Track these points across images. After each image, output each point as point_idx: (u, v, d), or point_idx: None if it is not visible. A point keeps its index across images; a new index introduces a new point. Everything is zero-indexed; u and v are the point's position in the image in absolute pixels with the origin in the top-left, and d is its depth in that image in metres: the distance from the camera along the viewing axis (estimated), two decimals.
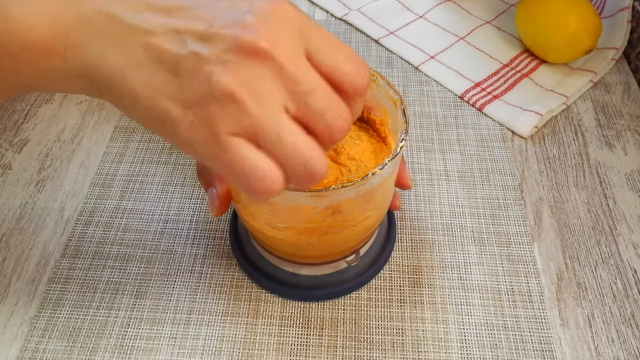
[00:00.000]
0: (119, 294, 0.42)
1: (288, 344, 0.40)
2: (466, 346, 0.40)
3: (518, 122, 0.54)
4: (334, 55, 0.26)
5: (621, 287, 0.43)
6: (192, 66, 0.25)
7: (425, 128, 0.54)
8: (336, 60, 0.26)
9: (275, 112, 0.25)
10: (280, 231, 0.35)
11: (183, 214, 0.47)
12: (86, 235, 0.46)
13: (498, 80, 0.59)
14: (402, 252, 0.45)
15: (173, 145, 0.52)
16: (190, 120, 0.25)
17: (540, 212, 0.47)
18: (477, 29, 0.64)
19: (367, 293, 0.42)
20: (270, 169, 0.25)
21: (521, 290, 0.42)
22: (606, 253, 0.45)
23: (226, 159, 0.25)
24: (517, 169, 0.51)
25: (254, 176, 0.25)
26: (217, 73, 0.24)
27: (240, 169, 0.25)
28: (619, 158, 0.52)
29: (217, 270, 0.44)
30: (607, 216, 0.47)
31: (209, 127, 0.25)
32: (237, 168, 0.25)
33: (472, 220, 0.47)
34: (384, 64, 0.61)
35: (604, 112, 0.56)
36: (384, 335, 0.40)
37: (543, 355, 0.39)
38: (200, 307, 0.42)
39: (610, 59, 0.59)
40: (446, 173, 0.50)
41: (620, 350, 0.39)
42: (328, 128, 0.26)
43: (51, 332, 0.40)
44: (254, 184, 0.25)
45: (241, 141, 0.25)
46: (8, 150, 0.52)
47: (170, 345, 0.40)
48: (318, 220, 0.34)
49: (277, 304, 0.42)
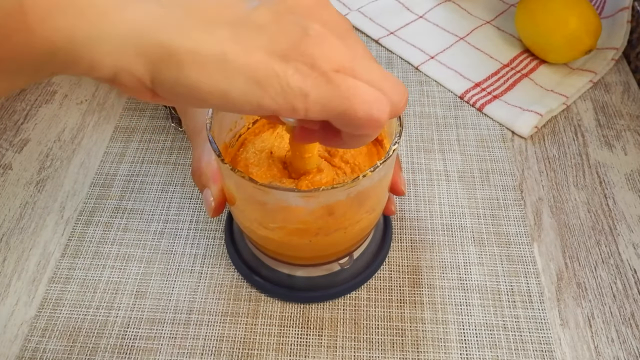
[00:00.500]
0: (118, 294, 0.42)
1: (288, 344, 0.40)
2: (466, 346, 0.40)
3: (518, 122, 0.54)
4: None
5: (621, 287, 0.43)
6: (274, 17, 0.24)
7: (425, 128, 0.54)
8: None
9: (360, 50, 0.25)
10: (272, 231, 0.35)
11: (183, 214, 0.47)
12: (86, 235, 0.46)
13: (498, 80, 0.59)
14: (402, 252, 0.45)
15: (172, 145, 0.52)
16: (295, 66, 0.24)
17: (540, 212, 0.47)
18: (477, 29, 0.65)
19: (366, 293, 0.42)
20: (378, 94, 0.25)
21: (521, 291, 0.42)
22: (606, 253, 0.45)
23: (342, 93, 0.24)
24: (517, 169, 0.51)
25: (370, 101, 0.25)
26: (300, 18, 0.24)
27: (359, 99, 0.24)
28: (618, 158, 0.52)
29: (217, 270, 0.44)
30: (607, 216, 0.47)
31: (316, 68, 0.24)
32: (356, 99, 0.24)
33: (472, 220, 0.47)
34: (384, 64, 0.61)
35: (604, 112, 0.56)
36: (384, 335, 0.40)
37: (543, 355, 0.39)
38: (200, 307, 0.42)
39: (610, 59, 0.59)
40: (446, 173, 0.50)
41: (620, 350, 0.39)
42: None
43: (51, 331, 0.40)
44: (370, 109, 0.25)
45: (345, 76, 0.25)
46: (8, 150, 0.53)
47: (170, 345, 0.40)
48: (309, 221, 0.33)
49: (277, 304, 0.42)
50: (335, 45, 0.25)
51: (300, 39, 0.24)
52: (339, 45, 0.25)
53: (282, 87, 0.24)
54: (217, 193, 0.37)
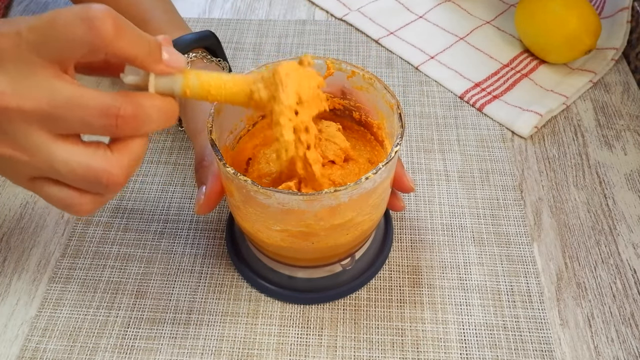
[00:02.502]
0: (119, 294, 0.42)
1: (288, 344, 0.40)
2: (466, 346, 0.40)
3: (518, 122, 0.54)
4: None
5: (621, 287, 0.43)
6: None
7: (425, 128, 0.54)
8: None
9: (44, 147, 0.27)
10: (273, 234, 0.35)
11: (183, 214, 0.47)
12: (86, 235, 0.46)
13: (498, 80, 0.59)
14: (402, 252, 0.45)
15: (172, 145, 0.52)
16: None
17: (540, 212, 0.47)
18: (477, 29, 0.65)
19: (366, 293, 0.42)
20: (70, 196, 0.29)
21: (521, 291, 0.42)
22: (606, 253, 0.45)
23: (41, 196, 0.29)
24: (517, 169, 0.51)
25: (64, 206, 0.29)
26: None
27: (54, 204, 0.30)
28: (618, 158, 0.52)
29: (217, 270, 0.44)
30: (606, 216, 0.47)
31: (12, 177, 0.29)
32: (52, 203, 0.30)
33: (472, 220, 0.47)
34: (384, 65, 0.61)
35: (604, 112, 0.56)
36: (384, 335, 0.40)
37: (543, 355, 0.39)
38: (200, 306, 0.42)
39: (609, 59, 0.59)
40: (446, 173, 0.50)
41: (620, 350, 0.39)
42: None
43: (52, 331, 0.40)
44: (69, 211, 0.30)
45: (42, 182, 0.29)
46: None
47: (170, 344, 0.40)
48: (311, 223, 0.33)
49: (277, 304, 0.42)
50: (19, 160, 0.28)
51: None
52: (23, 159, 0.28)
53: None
54: (211, 191, 0.38)
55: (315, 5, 0.69)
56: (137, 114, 0.27)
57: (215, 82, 0.30)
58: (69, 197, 0.29)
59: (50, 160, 0.27)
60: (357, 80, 0.38)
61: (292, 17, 0.67)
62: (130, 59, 0.27)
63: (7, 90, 0.26)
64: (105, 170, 0.28)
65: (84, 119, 0.26)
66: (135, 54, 0.27)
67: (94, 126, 0.27)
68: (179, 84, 0.29)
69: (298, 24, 0.66)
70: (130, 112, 0.27)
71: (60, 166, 0.27)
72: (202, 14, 0.68)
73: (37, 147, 0.27)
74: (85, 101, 0.26)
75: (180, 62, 0.29)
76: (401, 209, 0.42)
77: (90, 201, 0.29)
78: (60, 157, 0.27)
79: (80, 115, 0.26)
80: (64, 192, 0.29)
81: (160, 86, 0.29)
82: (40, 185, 0.29)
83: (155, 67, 0.28)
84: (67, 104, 0.26)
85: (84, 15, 0.25)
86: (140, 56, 0.27)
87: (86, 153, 0.27)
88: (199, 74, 0.30)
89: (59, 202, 0.29)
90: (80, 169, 0.27)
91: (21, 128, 0.27)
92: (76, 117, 0.26)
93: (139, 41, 0.27)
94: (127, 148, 0.28)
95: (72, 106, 0.26)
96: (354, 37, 0.65)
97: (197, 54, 0.48)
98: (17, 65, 0.26)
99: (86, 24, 0.25)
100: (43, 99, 0.26)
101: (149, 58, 0.28)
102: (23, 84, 0.26)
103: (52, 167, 0.27)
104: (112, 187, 0.28)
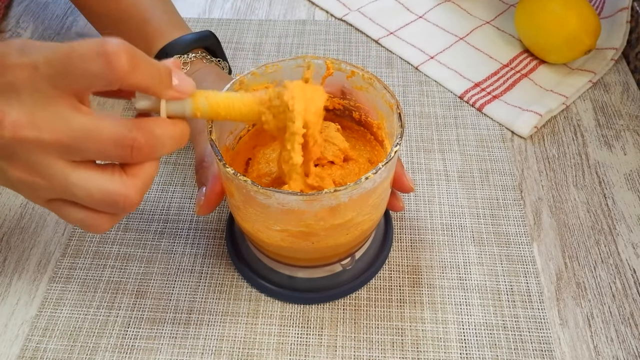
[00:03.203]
0: (119, 294, 0.42)
1: (288, 343, 0.40)
2: (466, 346, 0.40)
3: (518, 122, 0.54)
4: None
5: (620, 286, 0.43)
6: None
7: (425, 128, 0.54)
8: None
9: (61, 173, 0.28)
10: (273, 234, 0.35)
11: (183, 214, 0.47)
12: (87, 235, 0.46)
13: (498, 80, 0.59)
14: (402, 252, 0.45)
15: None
16: (17, 188, 0.30)
17: (539, 212, 0.48)
18: (476, 29, 0.65)
19: (366, 293, 0.42)
20: (87, 217, 0.30)
21: (520, 290, 0.43)
22: (605, 253, 0.45)
23: (59, 216, 0.31)
24: (517, 169, 0.51)
25: (82, 226, 0.31)
26: (4, 168, 0.28)
27: (72, 223, 0.31)
28: (618, 158, 0.52)
29: (217, 270, 0.44)
30: (606, 216, 0.47)
31: (31, 198, 0.30)
32: (69, 222, 0.31)
33: (472, 220, 0.47)
34: (383, 65, 0.61)
35: (603, 112, 0.56)
36: (384, 335, 0.40)
37: (542, 354, 0.39)
38: (200, 306, 0.42)
39: (609, 59, 0.59)
40: (446, 173, 0.51)
41: (620, 350, 0.40)
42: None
43: (52, 331, 0.40)
44: (87, 230, 0.31)
45: (59, 203, 0.30)
46: None
47: (171, 344, 0.40)
48: (311, 223, 0.33)
49: (277, 304, 0.42)
50: (39, 185, 0.29)
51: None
52: (41, 184, 0.29)
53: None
54: (211, 192, 0.38)
55: (315, 5, 0.69)
56: (150, 143, 0.28)
57: (224, 103, 0.31)
58: (87, 219, 0.30)
59: (67, 185, 0.28)
60: (356, 80, 0.39)
61: (292, 17, 0.67)
62: (143, 89, 0.28)
63: (24, 121, 0.26)
64: (121, 194, 0.29)
65: (99, 150, 0.27)
66: (147, 84, 0.28)
67: (110, 155, 0.28)
68: (189, 108, 0.30)
69: (298, 24, 0.66)
70: (144, 142, 0.27)
71: (77, 190, 0.28)
72: (202, 14, 0.68)
73: (55, 174, 0.28)
74: (100, 132, 0.27)
75: (189, 87, 0.30)
76: (400, 209, 0.42)
77: (106, 221, 0.31)
78: (78, 183, 0.28)
79: (96, 146, 0.27)
80: (81, 213, 0.30)
81: (172, 110, 0.30)
82: (57, 207, 0.30)
83: (166, 94, 0.29)
84: (84, 136, 0.27)
85: (101, 50, 0.25)
86: (152, 86, 0.28)
87: (103, 178, 0.28)
88: (208, 96, 0.30)
89: (77, 222, 0.30)
90: (98, 194, 0.28)
91: (39, 156, 0.27)
92: (92, 148, 0.27)
93: (152, 71, 0.27)
94: (141, 171, 0.29)
95: (89, 138, 0.27)
96: (354, 37, 0.65)
97: (196, 54, 0.48)
98: (34, 96, 0.26)
99: (103, 59, 0.25)
100: (60, 131, 0.27)
101: (161, 85, 0.28)
102: (39, 115, 0.26)
103: (70, 191, 0.28)
104: (128, 208, 0.29)
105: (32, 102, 0.26)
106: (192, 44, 0.48)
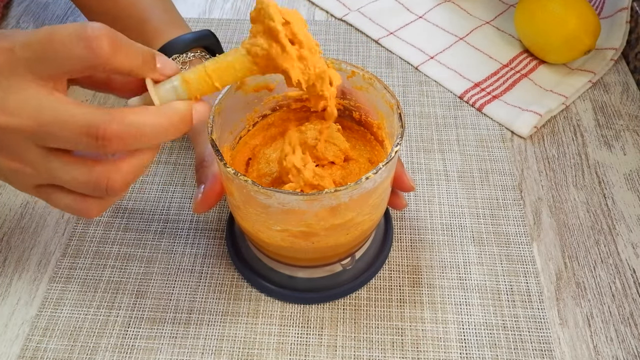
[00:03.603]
0: (119, 294, 0.42)
1: (288, 343, 0.40)
2: (465, 346, 0.40)
3: (517, 122, 0.54)
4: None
5: (620, 286, 0.43)
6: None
7: (425, 128, 0.54)
8: None
9: (43, 159, 0.28)
10: (274, 234, 0.35)
11: (183, 214, 0.47)
12: (87, 235, 0.46)
13: (497, 80, 0.59)
14: (402, 252, 0.45)
15: (172, 145, 0.53)
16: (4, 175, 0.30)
17: (539, 212, 0.48)
18: (476, 29, 0.65)
19: (366, 293, 0.42)
20: (75, 201, 0.30)
21: (520, 290, 0.43)
22: (605, 253, 0.45)
23: (48, 202, 0.31)
24: (517, 169, 0.51)
25: (72, 211, 0.30)
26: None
27: (61, 209, 0.31)
28: (617, 158, 0.52)
29: (217, 269, 0.44)
30: (606, 216, 0.47)
31: (19, 185, 0.30)
32: (58, 208, 0.31)
33: (472, 220, 0.47)
34: (383, 65, 0.61)
35: (603, 112, 0.56)
36: (384, 335, 0.40)
37: (542, 354, 0.39)
38: (200, 306, 0.42)
39: (609, 59, 0.59)
40: (446, 173, 0.51)
41: (619, 350, 0.40)
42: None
43: (52, 331, 0.40)
44: (77, 215, 0.31)
45: (48, 189, 0.30)
46: None
47: (171, 344, 0.40)
48: (311, 223, 0.33)
49: (277, 304, 0.42)
50: (24, 172, 0.29)
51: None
52: (29, 171, 0.29)
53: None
54: (209, 191, 0.38)
55: (315, 5, 0.69)
56: (121, 133, 0.26)
57: (210, 65, 0.30)
58: (75, 203, 0.30)
59: (51, 170, 0.28)
60: (357, 80, 0.39)
61: None
62: (126, 72, 0.28)
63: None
64: (104, 176, 0.28)
65: (67, 138, 0.27)
66: (130, 66, 0.27)
67: (80, 145, 0.27)
68: (178, 85, 0.29)
69: None
70: (114, 131, 0.26)
71: (62, 174, 0.28)
72: (202, 14, 0.68)
73: (35, 159, 0.28)
74: (68, 120, 0.26)
75: (173, 67, 0.29)
76: (404, 206, 0.42)
77: (95, 205, 0.30)
78: (61, 167, 0.28)
79: (64, 134, 0.26)
80: (68, 197, 0.30)
81: (163, 95, 0.29)
82: (45, 192, 0.30)
83: (151, 75, 0.29)
84: (52, 122, 0.26)
85: (81, 34, 0.25)
86: (135, 68, 0.28)
87: (84, 161, 0.28)
88: (193, 68, 0.30)
89: (66, 207, 0.30)
90: (81, 176, 0.28)
91: (17, 143, 0.27)
92: (62, 136, 0.27)
93: (134, 54, 0.27)
94: (128, 155, 0.29)
95: (57, 124, 0.26)
96: (353, 37, 0.65)
97: (196, 54, 0.48)
98: (10, 80, 0.26)
99: (84, 43, 0.25)
100: (29, 117, 0.26)
101: (144, 67, 0.28)
102: (12, 99, 0.26)
103: (54, 175, 0.28)
104: (111, 191, 0.29)
105: (6, 86, 0.26)
106: (192, 44, 0.48)
